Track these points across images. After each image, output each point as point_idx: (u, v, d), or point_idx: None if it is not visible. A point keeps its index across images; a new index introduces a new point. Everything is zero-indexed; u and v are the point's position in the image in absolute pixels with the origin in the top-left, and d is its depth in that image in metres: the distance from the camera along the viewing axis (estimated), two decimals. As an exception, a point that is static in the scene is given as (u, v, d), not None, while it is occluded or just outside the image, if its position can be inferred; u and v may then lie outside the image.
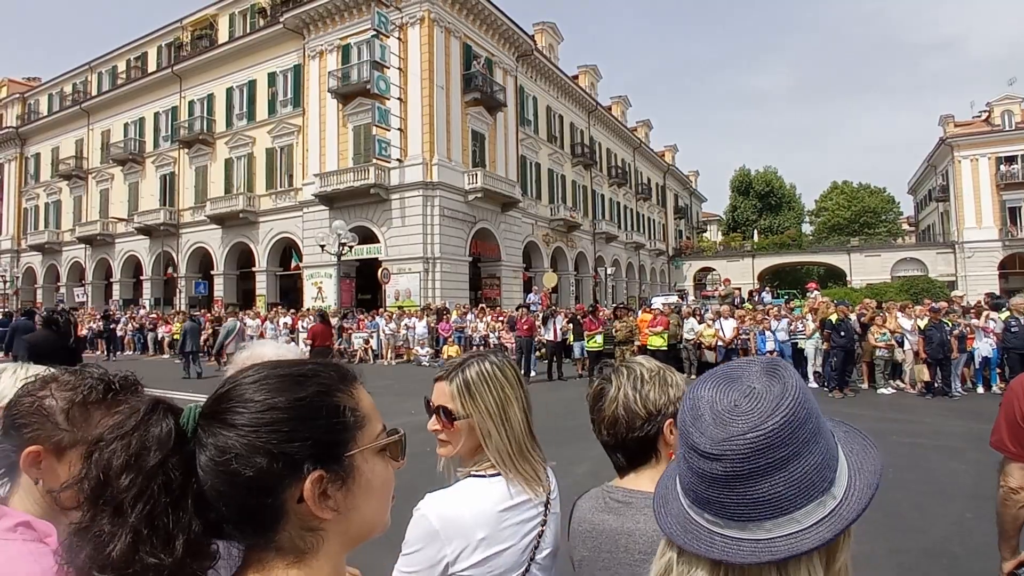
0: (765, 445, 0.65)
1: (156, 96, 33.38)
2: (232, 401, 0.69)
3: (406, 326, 19.60)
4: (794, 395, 0.68)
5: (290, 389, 0.69)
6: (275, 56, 28.49)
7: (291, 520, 0.67)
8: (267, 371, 0.72)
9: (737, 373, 0.74)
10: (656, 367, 1.35)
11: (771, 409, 0.67)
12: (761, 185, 58.65)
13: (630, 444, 1.31)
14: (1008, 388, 2.01)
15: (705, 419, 0.69)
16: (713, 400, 0.71)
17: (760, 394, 0.69)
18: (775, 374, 0.71)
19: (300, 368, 0.73)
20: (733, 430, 0.66)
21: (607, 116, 41.11)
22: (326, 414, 0.70)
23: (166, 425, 0.66)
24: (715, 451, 0.67)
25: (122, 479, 0.62)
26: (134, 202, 34.33)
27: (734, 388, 0.71)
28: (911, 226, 57.55)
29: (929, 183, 47.76)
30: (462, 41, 26.09)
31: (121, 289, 34.91)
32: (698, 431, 0.69)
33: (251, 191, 29.16)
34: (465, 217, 25.49)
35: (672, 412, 1.28)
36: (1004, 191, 38.42)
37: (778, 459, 0.65)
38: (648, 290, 44.32)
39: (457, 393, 1.36)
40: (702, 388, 0.74)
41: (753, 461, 0.65)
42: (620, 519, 1.24)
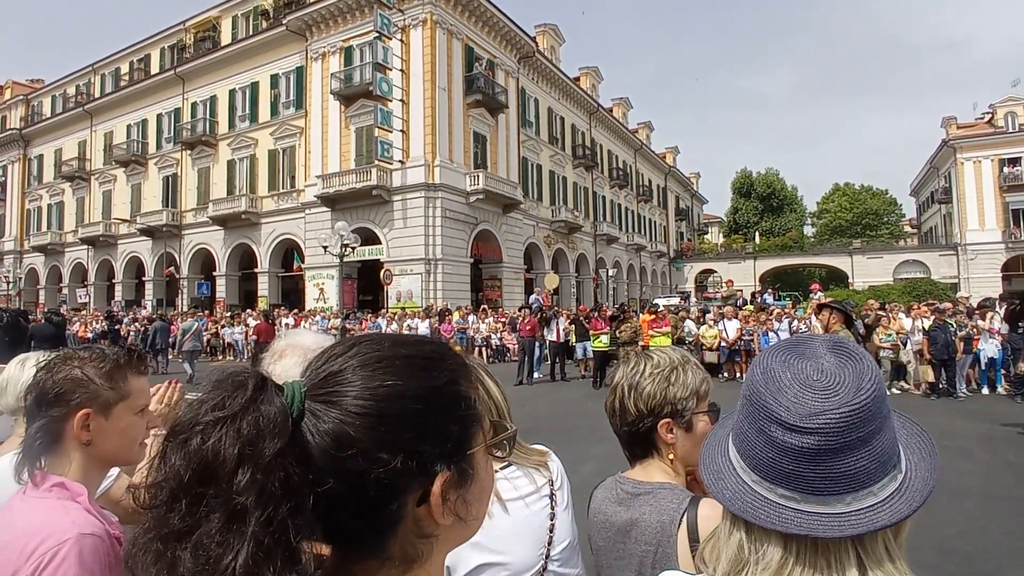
0: (859, 419, 0.65)
1: (159, 98, 33.45)
2: (349, 383, 0.57)
3: (408, 327, 19.58)
4: (874, 371, 0.69)
5: (422, 374, 0.60)
6: (278, 58, 28.54)
7: (408, 525, 0.58)
8: (388, 349, 0.61)
9: (802, 348, 0.74)
10: (671, 361, 1.30)
11: (858, 383, 0.67)
12: (763, 187, 58.62)
13: (628, 436, 1.30)
14: None
15: (787, 392, 0.68)
16: (791, 374, 0.70)
17: (836, 370, 0.69)
18: (843, 351, 0.72)
19: (425, 349, 0.64)
20: (826, 404, 0.66)
21: (608, 118, 41.13)
22: (461, 406, 0.62)
23: (278, 404, 0.53)
24: (807, 425, 0.65)
25: (239, 475, 0.48)
26: (136, 203, 34.38)
27: (806, 363, 0.71)
28: (913, 228, 57.49)
29: (932, 185, 47.70)
30: (464, 43, 26.13)
31: (123, 290, 34.95)
32: (782, 405, 0.68)
33: (253, 192, 29.19)
34: (467, 219, 25.49)
35: (668, 412, 1.24)
36: (1007, 193, 38.35)
37: (867, 432, 0.66)
38: (649, 292, 44.29)
39: None
40: (773, 361, 0.73)
41: (847, 434, 0.65)
42: (629, 510, 1.23)
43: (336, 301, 23.12)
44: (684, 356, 1.34)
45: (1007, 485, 5.80)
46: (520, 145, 30.19)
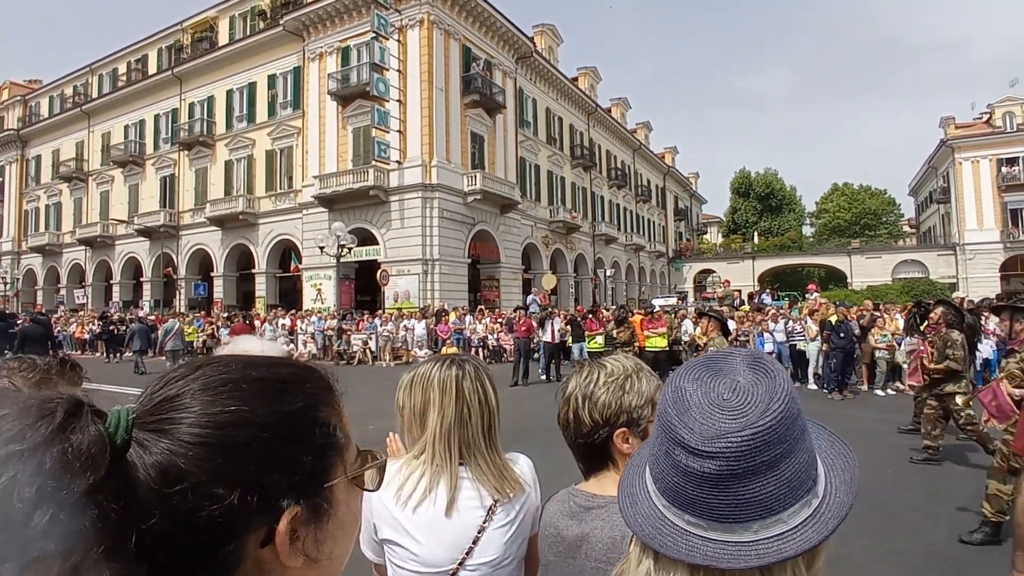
0: (763, 442, 0.61)
1: (156, 98, 33.41)
2: (185, 408, 0.50)
3: (405, 327, 19.55)
4: (786, 389, 0.65)
5: (273, 399, 0.54)
6: (275, 58, 28.51)
7: (248, 569, 0.51)
8: (236, 371, 0.55)
9: (719, 365, 0.69)
10: (625, 369, 1.26)
11: (766, 404, 0.63)
12: (761, 187, 58.59)
13: (582, 448, 1.26)
14: None
15: (694, 413, 0.64)
16: (701, 393, 0.66)
17: (750, 388, 0.65)
18: (760, 367, 0.67)
19: (280, 371, 0.57)
20: (728, 426, 0.62)
21: (607, 118, 41.09)
22: (318, 434, 0.55)
23: (94, 433, 0.44)
24: (709, 448, 0.61)
25: (35, 518, 0.40)
26: (134, 204, 34.33)
27: (720, 381, 0.66)
28: (912, 228, 57.46)
29: (930, 185, 47.68)
30: (461, 43, 26.09)
31: (121, 291, 34.90)
32: (686, 426, 0.64)
33: (251, 193, 29.15)
34: (464, 219, 25.46)
35: (624, 421, 1.21)
36: (1005, 193, 38.32)
37: (773, 456, 0.61)
38: (648, 292, 44.26)
39: (400, 386, 1.48)
40: (685, 380, 0.68)
41: (749, 459, 0.61)
42: (581, 525, 1.20)
43: (333, 302, 23.08)
44: (637, 363, 1.31)
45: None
46: (518, 145, 30.15)
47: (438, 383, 1.41)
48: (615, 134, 42.95)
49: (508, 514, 1.36)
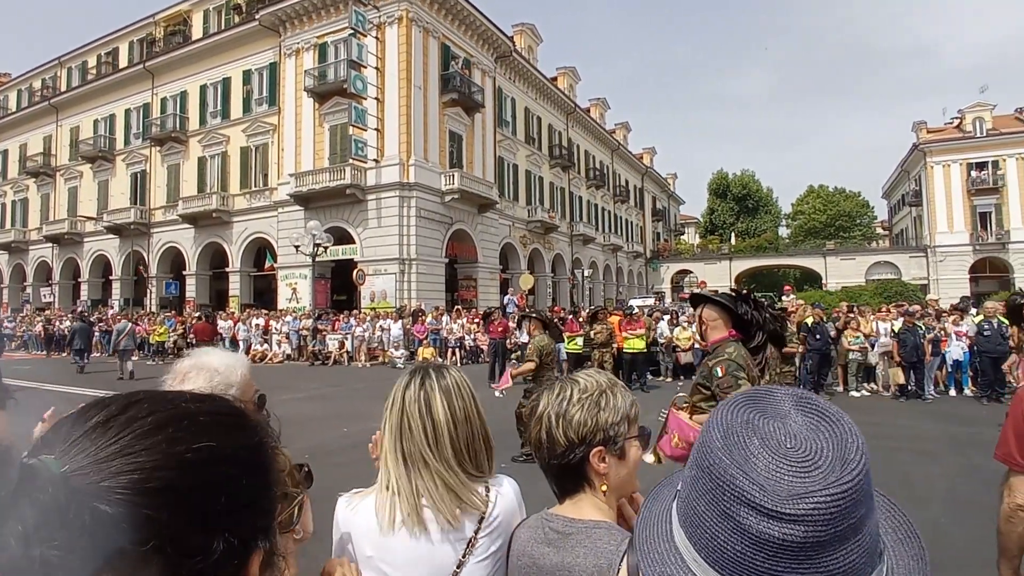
0: (852, 501, 0.51)
1: (127, 92, 32.63)
2: (140, 452, 0.42)
3: (381, 328, 19.31)
4: (858, 435, 0.55)
5: (232, 432, 0.49)
6: (250, 54, 28.00)
7: None
8: (184, 405, 0.48)
9: (765, 404, 0.58)
10: (599, 384, 1.18)
11: (843, 453, 0.53)
12: (738, 188, 59.24)
13: (556, 470, 1.16)
14: (1016, 398, 1.85)
15: (758, 466, 0.53)
16: (759, 441, 0.54)
17: (809, 436, 0.54)
18: (812, 408, 0.57)
19: (229, 406, 0.52)
20: (807, 482, 0.51)
21: (585, 118, 41.16)
22: (272, 469, 0.51)
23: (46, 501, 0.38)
24: (791, 511, 0.50)
25: None
26: (104, 201, 33.49)
27: (771, 424, 0.56)
28: (885, 230, 58.56)
29: (903, 188, 48.61)
30: (440, 41, 25.88)
31: (89, 289, 34.05)
32: (755, 483, 0.52)
33: (225, 190, 28.61)
34: (442, 218, 25.26)
35: (601, 440, 1.13)
36: (975, 196, 39.21)
37: (859, 518, 0.52)
38: (625, 292, 44.44)
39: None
40: (734, 418, 0.56)
41: (838, 522, 0.50)
42: (560, 553, 1.11)
43: (309, 301, 22.75)
44: (611, 379, 1.23)
45: (974, 490, 5.78)
46: (496, 145, 30.02)
47: (391, 395, 1.35)
48: (594, 134, 43.04)
49: (490, 545, 1.26)
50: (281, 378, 15.04)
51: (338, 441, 7.68)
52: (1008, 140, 38.48)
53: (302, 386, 13.67)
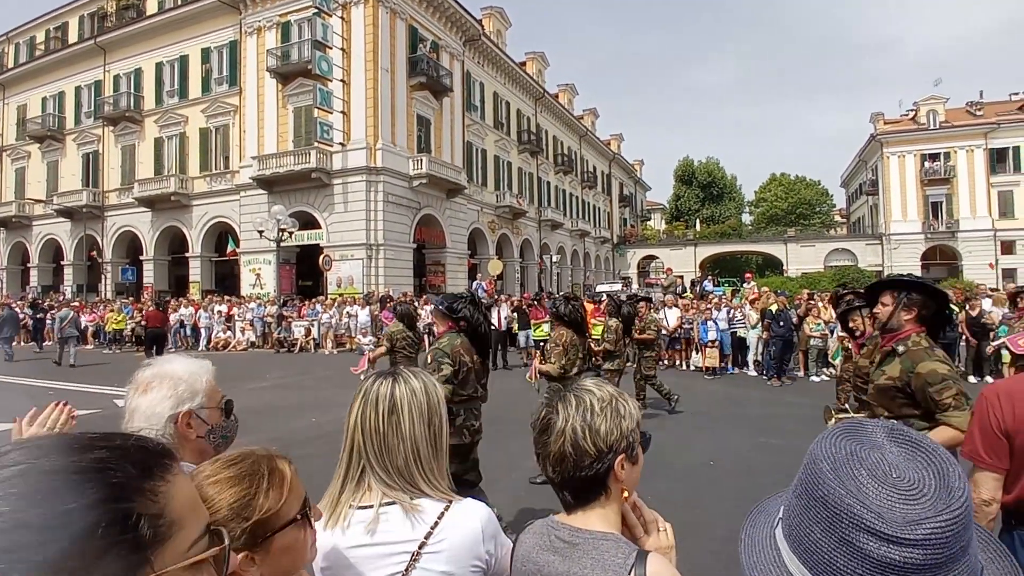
0: (962, 525, 0.57)
1: (78, 69, 31.22)
2: None
3: (348, 314, 19.07)
4: (956, 464, 0.60)
5: (55, 495, 0.47)
6: (209, 31, 27.03)
7: None
8: (28, 459, 0.49)
9: (861, 436, 0.63)
10: (608, 395, 1.21)
11: (947, 482, 0.58)
12: (704, 175, 60.06)
13: (578, 482, 1.17)
14: (980, 397, 1.93)
15: (873, 494, 0.57)
16: (866, 472, 0.59)
17: (910, 462, 0.60)
18: (906, 439, 0.62)
19: (82, 457, 0.50)
20: (918, 509, 0.56)
21: (554, 104, 41.07)
22: (107, 532, 0.48)
23: None
24: (911, 536, 0.55)
25: None
26: (53, 182, 32.12)
27: (874, 453, 0.60)
28: (843, 218, 60.21)
29: (860, 177, 50.02)
30: (408, 23, 25.41)
31: (39, 275, 32.72)
32: (872, 511, 0.57)
33: (184, 173, 27.73)
34: (410, 203, 24.99)
35: (624, 447, 1.16)
36: (927, 187, 40.63)
37: (967, 540, 0.58)
38: (593, 277, 44.81)
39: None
40: (838, 450, 0.61)
41: (952, 545, 0.56)
42: (566, 562, 1.13)
43: (273, 287, 22.32)
44: (615, 388, 1.25)
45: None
46: (465, 129, 29.76)
47: (373, 400, 1.34)
48: (562, 120, 43.02)
49: (439, 546, 1.25)
50: (246, 366, 14.75)
51: (307, 431, 7.59)
52: (959, 133, 39.91)
53: (268, 375, 13.46)
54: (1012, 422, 1.80)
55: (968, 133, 39.77)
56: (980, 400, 1.92)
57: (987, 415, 1.85)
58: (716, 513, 4.66)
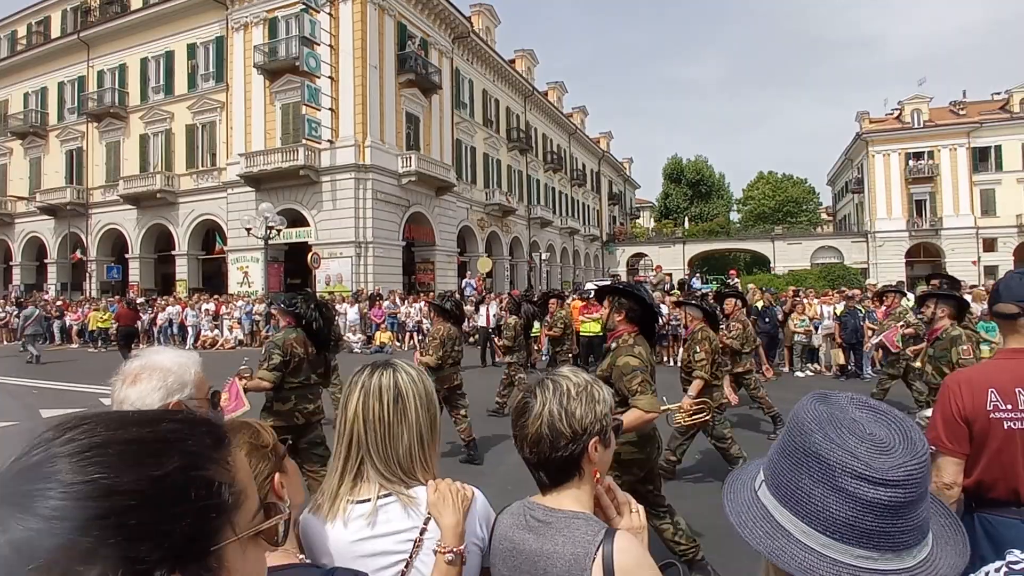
0: (927, 468, 0.70)
1: (61, 64, 30.84)
2: (48, 478, 0.46)
3: (337, 312, 19.01)
4: (915, 425, 0.74)
5: (142, 463, 0.49)
6: (195, 26, 26.80)
7: None
8: (105, 430, 0.50)
9: (832, 402, 0.77)
10: (584, 381, 1.27)
11: (910, 436, 0.71)
12: (692, 174, 60.37)
13: (554, 463, 1.23)
14: (943, 385, 2.02)
15: (859, 446, 0.70)
16: (847, 430, 0.71)
17: (871, 422, 0.73)
18: (868, 406, 0.76)
19: (156, 429, 0.53)
20: (899, 458, 0.69)
21: (543, 101, 41.12)
22: (195, 497, 0.51)
23: None
24: (893, 477, 0.68)
25: None
26: (36, 179, 31.73)
27: (844, 416, 0.73)
28: (829, 216, 60.79)
29: (846, 176, 50.51)
30: (396, 20, 25.33)
31: (23, 273, 32.33)
32: (862, 460, 0.69)
33: (169, 170, 27.49)
34: (399, 201, 24.94)
35: (598, 430, 1.22)
36: (912, 185, 41.13)
37: (927, 485, 0.71)
38: (582, 275, 44.96)
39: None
40: (820, 411, 0.74)
41: (922, 485, 0.69)
42: (540, 539, 1.18)
43: (261, 285, 22.22)
44: (590, 375, 1.31)
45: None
46: (454, 127, 29.73)
47: (363, 391, 1.36)
48: (551, 118, 43.07)
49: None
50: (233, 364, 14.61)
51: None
52: (942, 132, 40.42)
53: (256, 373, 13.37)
54: (972, 409, 1.88)
55: (951, 132, 40.29)
56: (943, 388, 2.00)
57: (949, 403, 1.92)
58: (700, 506, 4.73)
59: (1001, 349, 2.06)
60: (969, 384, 1.92)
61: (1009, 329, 2.01)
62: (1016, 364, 1.93)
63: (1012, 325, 1.98)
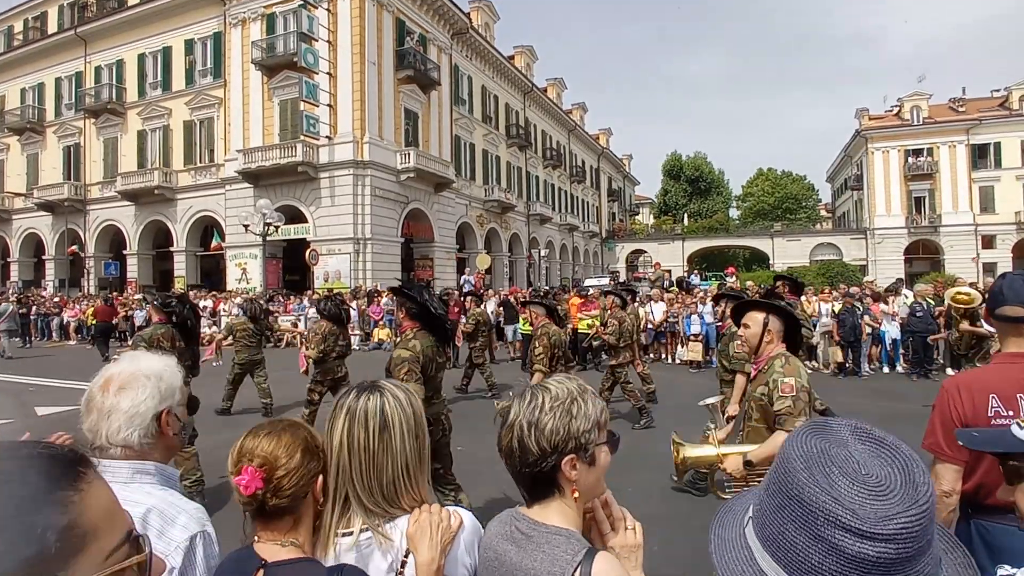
0: (929, 519, 0.59)
1: (58, 60, 30.73)
2: None
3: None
4: (921, 463, 0.63)
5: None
6: (193, 22, 26.69)
7: None
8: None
9: (826, 434, 0.65)
10: (570, 392, 1.18)
11: (911, 477, 0.60)
12: (691, 170, 60.30)
13: (527, 479, 1.18)
14: (942, 390, 1.97)
15: (846, 492, 0.59)
16: (837, 471, 0.61)
17: (871, 461, 0.61)
18: (871, 438, 0.65)
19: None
20: (891, 507, 0.58)
21: (543, 98, 41.00)
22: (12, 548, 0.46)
23: None
24: (883, 531, 0.57)
25: None
26: (34, 175, 31.66)
27: (838, 452, 0.63)
28: (829, 213, 60.74)
29: (845, 172, 50.46)
30: (395, 16, 25.23)
31: (20, 270, 32.26)
32: (847, 509, 0.58)
33: (167, 166, 27.41)
34: (397, 197, 24.89)
35: (573, 448, 1.14)
36: (911, 182, 41.09)
37: (931, 534, 0.59)
38: (581, 272, 44.91)
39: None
40: (811, 447, 0.63)
41: (920, 540, 0.58)
42: (521, 553, 1.15)
43: (260, 281, 22.17)
44: (581, 386, 1.23)
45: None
46: (453, 123, 29.64)
47: (346, 416, 1.31)
48: (551, 114, 42.96)
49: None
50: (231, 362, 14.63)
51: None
52: (941, 129, 40.36)
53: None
54: (972, 415, 1.84)
55: (950, 129, 40.24)
56: (941, 393, 1.97)
57: (947, 408, 1.89)
58: (694, 504, 4.72)
59: (1001, 353, 2.02)
60: (969, 389, 1.89)
61: (1011, 332, 1.97)
62: (1018, 369, 1.89)
63: (1015, 328, 1.94)
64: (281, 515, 1.18)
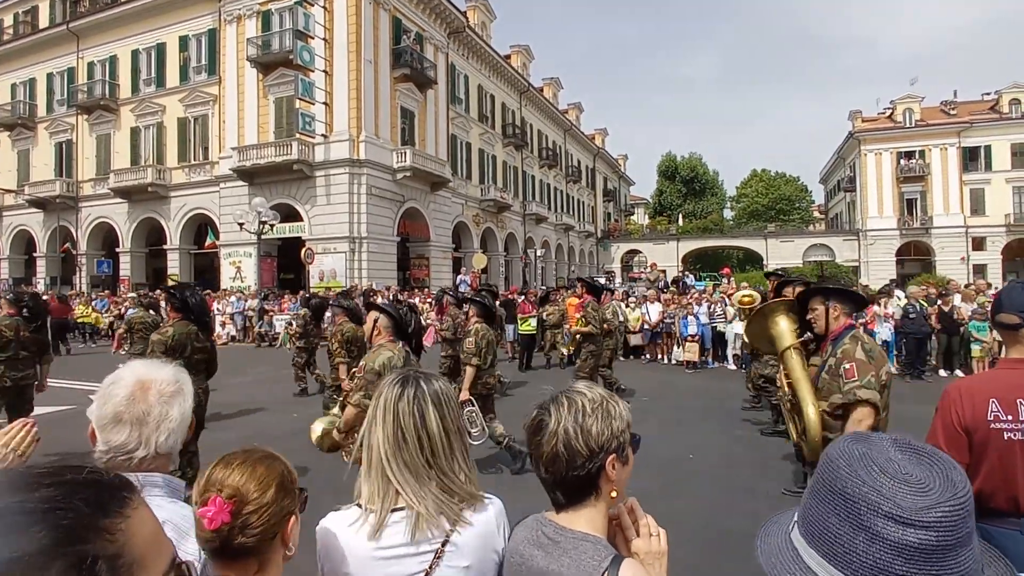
0: (967, 511, 0.64)
1: (50, 55, 30.48)
2: None
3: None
4: (959, 469, 0.68)
5: (11, 537, 0.43)
6: (187, 18, 26.55)
7: None
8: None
9: (867, 441, 0.72)
10: (599, 396, 1.24)
11: (950, 479, 0.65)
12: (686, 171, 60.49)
13: (570, 482, 1.20)
14: (944, 394, 2.02)
15: (888, 485, 0.65)
16: (878, 469, 0.66)
17: (911, 463, 0.67)
18: (912, 448, 0.70)
19: (27, 497, 0.46)
20: (934, 498, 0.63)
21: (539, 97, 41.02)
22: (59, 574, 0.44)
23: None
24: (924, 519, 0.62)
25: None
26: (24, 172, 31.39)
27: (880, 456, 0.68)
28: (822, 214, 61.07)
29: (838, 174, 50.74)
30: (391, 14, 25.18)
31: (11, 267, 31.98)
32: (891, 500, 0.63)
33: (161, 163, 27.26)
34: (393, 196, 24.86)
35: (615, 447, 1.19)
36: (903, 184, 41.40)
37: (971, 528, 0.64)
38: (577, 272, 44.99)
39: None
40: (853, 449, 0.70)
41: (960, 529, 0.63)
42: (547, 558, 1.18)
43: (254, 280, 22.11)
44: (605, 390, 1.29)
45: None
46: (449, 122, 29.63)
47: (378, 406, 1.35)
48: (547, 114, 43.00)
49: (460, 560, 1.28)
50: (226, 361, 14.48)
51: (288, 426, 7.57)
52: (933, 131, 40.68)
53: (249, 369, 13.38)
54: (972, 419, 1.89)
55: (942, 132, 40.55)
56: (944, 397, 2.01)
57: (949, 411, 1.94)
58: (694, 504, 4.76)
59: (1003, 359, 2.08)
60: (970, 393, 1.94)
61: (1011, 339, 2.02)
62: (1018, 375, 1.94)
63: (1014, 335, 2.00)
64: (246, 556, 1.05)
